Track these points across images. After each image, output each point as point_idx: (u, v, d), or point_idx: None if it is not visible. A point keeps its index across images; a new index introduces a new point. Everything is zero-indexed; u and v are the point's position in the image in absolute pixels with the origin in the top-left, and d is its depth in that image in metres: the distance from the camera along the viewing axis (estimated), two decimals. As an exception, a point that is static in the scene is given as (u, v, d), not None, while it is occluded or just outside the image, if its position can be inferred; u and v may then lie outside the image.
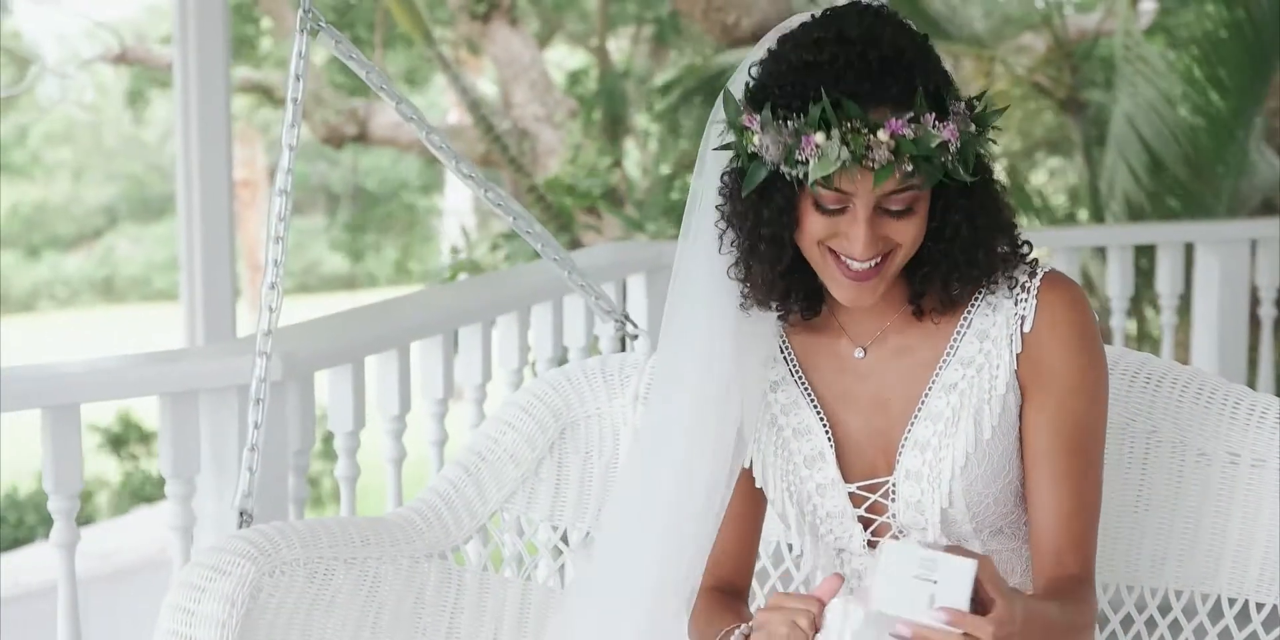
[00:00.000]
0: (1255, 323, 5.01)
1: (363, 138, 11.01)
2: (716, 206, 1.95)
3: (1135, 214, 6.99)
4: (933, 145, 1.82)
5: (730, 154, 1.91)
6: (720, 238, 1.95)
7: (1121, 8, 8.03)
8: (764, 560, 2.30)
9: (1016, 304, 1.96)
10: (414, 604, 2.26)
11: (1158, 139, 6.89)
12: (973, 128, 1.86)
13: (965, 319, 1.98)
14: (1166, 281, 4.78)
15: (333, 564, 2.18)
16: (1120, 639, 2.26)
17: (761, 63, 1.91)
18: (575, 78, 11.47)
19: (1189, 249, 4.89)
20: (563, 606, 2.15)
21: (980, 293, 1.98)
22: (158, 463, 2.75)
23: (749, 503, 2.07)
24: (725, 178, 1.93)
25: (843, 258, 1.89)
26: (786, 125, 1.83)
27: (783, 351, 2.04)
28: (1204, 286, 4.81)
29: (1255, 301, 4.91)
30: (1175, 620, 2.22)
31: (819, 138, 1.81)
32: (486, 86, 12.54)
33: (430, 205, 16.68)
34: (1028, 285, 1.96)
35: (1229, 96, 6.50)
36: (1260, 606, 2.17)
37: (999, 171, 2.03)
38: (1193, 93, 6.67)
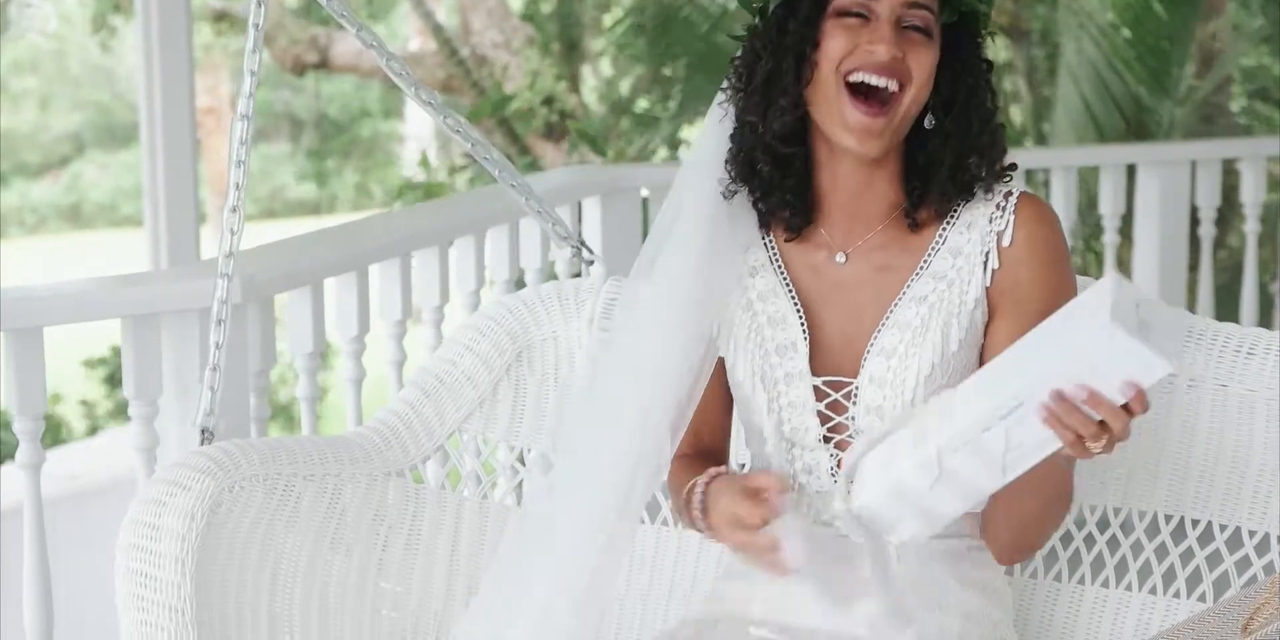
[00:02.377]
0: (1195, 242, 5.11)
1: (325, 65, 10.97)
2: (727, 75, 2.04)
3: (1081, 138, 7.06)
4: None
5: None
6: (729, 103, 2.03)
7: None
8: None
9: (991, 222, 2.02)
10: (373, 520, 2.31)
11: (1102, 65, 6.94)
12: None
13: (941, 235, 2.04)
14: (1108, 202, 4.87)
15: (292, 480, 2.22)
16: (1082, 557, 2.30)
17: None
18: (532, 3, 11.43)
19: (1131, 171, 4.98)
20: (521, 518, 2.20)
21: (956, 208, 2.04)
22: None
23: (720, 373, 2.12)
24: (745, 37, 2.03)
25: (859, 81, 1.95)
26: None
27: (765, 240, 2.10)
28: (1145, 207, 4.90)
29: (1195, 222, 5.01)
30: (1113, 536, 2.26)
31: None
32: (445, 14, 12.50)
33: (392, 130, 16.65)
34: (1003, 205, 2.02)
35: (1163, 23, 6.56)
36: (1195, 523, 2.21)
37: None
38: (1136, 17, 6.72)
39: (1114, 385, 1.73)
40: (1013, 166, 2.04)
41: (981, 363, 2.02)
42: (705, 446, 2.16)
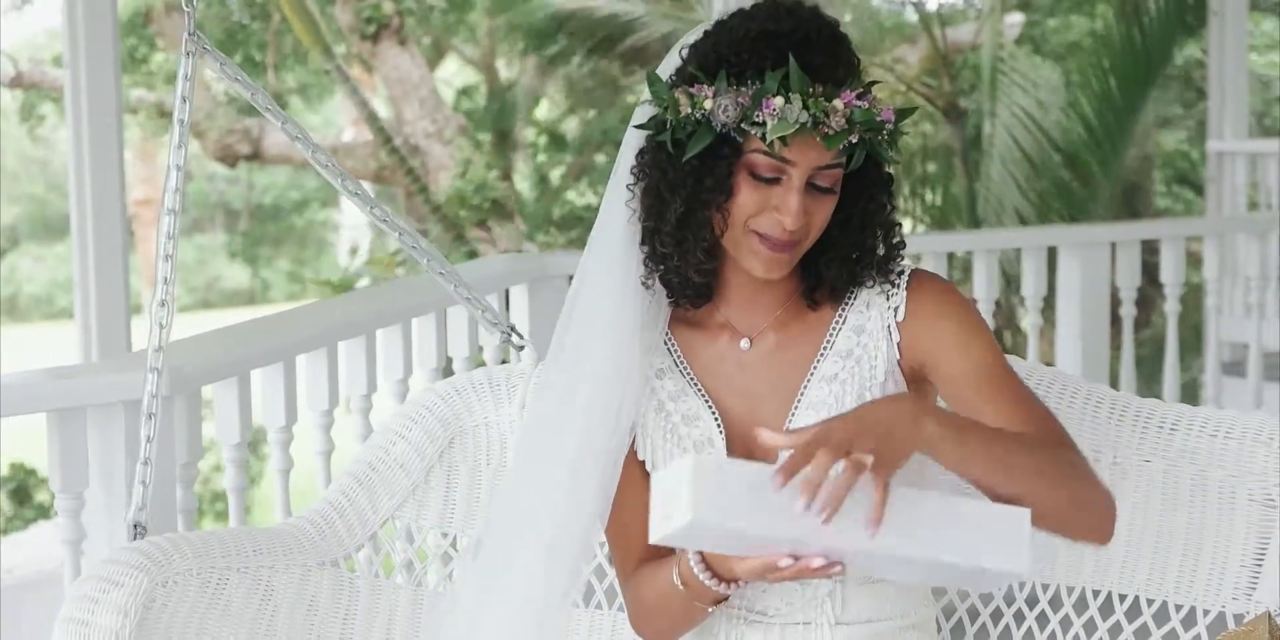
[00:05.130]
0: (1117, 322, 5.17)
1: (257, 156, 11.00)
2: (630, 185, 2.03)
3: (1016, 219, 7.16)
4: (876, 121, 1.95)
5: (643, 135, 2.01)
6: (635, 211, 2.03)
7: (992, 20, 8.24)
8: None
9: (889, 298, 2.06)
10: (307, 611, 2.31)
11: (1034, 147, 7.07)
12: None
13: (840, 315, 2.08)
14: (1031, 284, 4.93)
15: (226, 573, 2.22)
16: (990, 631, 2.32)
17: (706, 37, 2.01)
18: (464, 94, 11.51)
19: (1052, 253, 5.04)
20: (452, 609, 2.19)
21: (853, 290, 2.08)
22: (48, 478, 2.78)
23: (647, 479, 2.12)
24: (648, 154, 2.02)
25: (764, 234, 1.98)
26: (745, 88, 1.93)
27: (666, 342, 2.12)
28: (1066, 288, 4.97)
29: (1116, 302, 5.08)
30: (1042, 612, 2.28)
31: (779, 101, 1.92)
32: (379, 105, 12.57)
33: (327, 219, 16.66)
34: (897, 282, 2.07)
35: (1106, 105, 6.68)
36: (1123, 598, 2.23)
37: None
38: (1071, 101, 6.86)
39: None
40: (901, 244, 2.07)
41: (959, 409, 2.02)
42: (651, 555, 2.13)
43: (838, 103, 1.93)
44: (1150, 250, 5.39)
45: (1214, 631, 2.17)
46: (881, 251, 2.05)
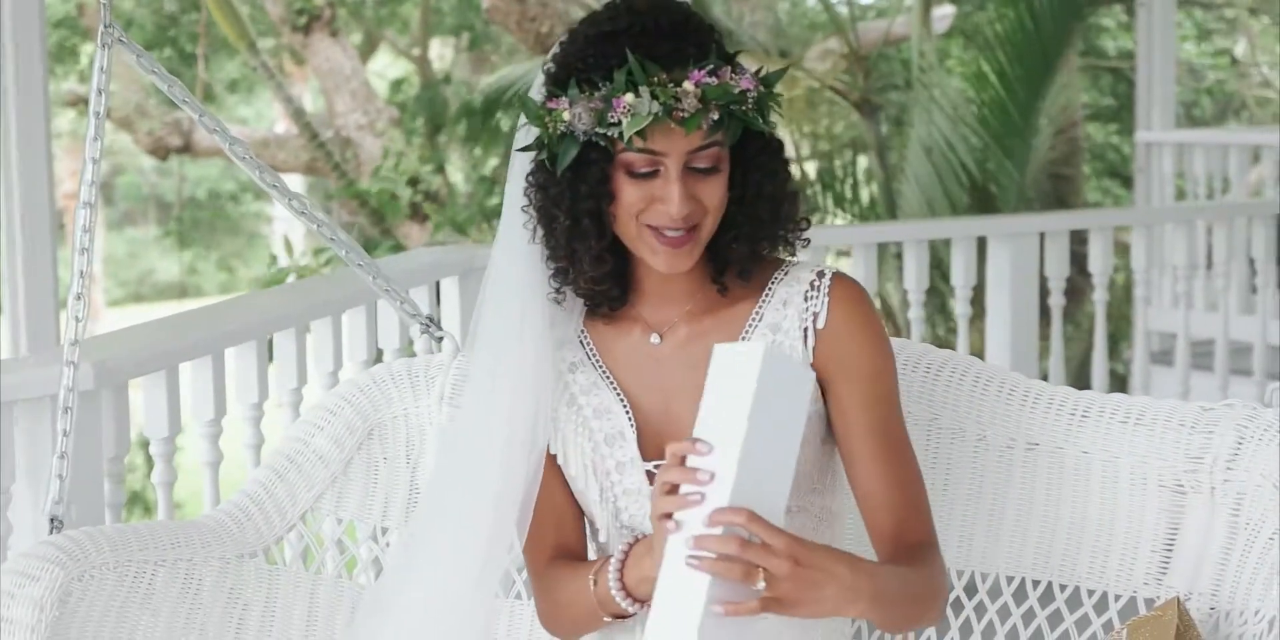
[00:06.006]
0: (1046, 313, 5.23)
1: (188, 148, 10.95)
2: (524, 207, 2.04)
3: (934, 210, 7.22)
4: (735, 92, 1.95)
5: (533, 155, 2.01)
6: (534, 231, 2.04)
7: (917, 13, 8.30)
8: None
9: (807, 300, 2.06)
10: (226, 602, 2.31)
11: (953, 138, 7.11)
12: (762, 88, 1.99)
13: (757, 312, 2.08)
14: (960, 274, 4.97)
15: (143, 566, 2.22)
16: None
17: (558, 49, 2.02)
18: (397, 86, 11.48)
19: (981, 243, 5.09)
20: (375, 592, 2.21)
21: (770, 287, 2.08)
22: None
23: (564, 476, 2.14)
24: (532, 175, 2.02)
25: (657, 227, 1.99)
26: (596, 93, 1.94)
27: (580, 337, 2.13)
28: (996, 278, 5.01)
29: (1045, 292, 5.13)
30: (957, 599, 2.29)
31: (629, 98, 1.92)
32: (311, 96, 12.53)
33: (260, 212, 16.59)
34: (817, 284, 2.07)
35: (1014, 95, 6.73)
36: (1036, 583, 2.26)
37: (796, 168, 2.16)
38: (981, 91, 6.90)
39: None
40: (797, 210, 2.07)
41: (834, 428, 2.07)
42: (569, 549, 2.15)
43: (688, 85, 1.93)
44: (1079, 240, 5.45)
45: (1125, 616, 2.20)
46: (780, 227, 2.05)
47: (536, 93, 2.03)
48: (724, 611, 1.79)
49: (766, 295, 2.09)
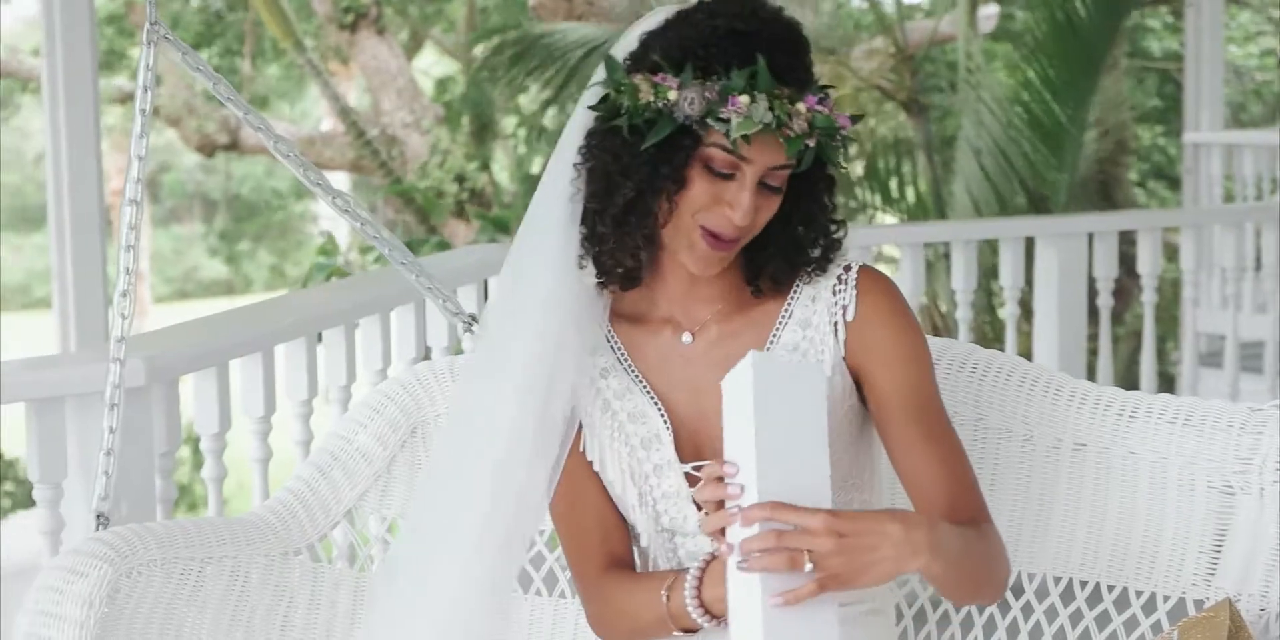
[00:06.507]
0: (1094, 313, 5.21)
1: (235, 146, 11.00)
2: (576, 163, 2.02)
3: (980, 211, 7.19)
4: (834, 126, 1.96)
5: (591, 117, 2.00)
6: (581, 190, 2.02)
7: (963, 13, 8.27)
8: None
9: (835, 294, 2.06)
10: (272, 599, 2.32)
11: (1002, 139, 7.09)
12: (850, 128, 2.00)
13: (787, 309, 2.08)
14: (1008, 275, 4.96)
15: (190, 563, 2.23)
16: (952, 618, 2.33)
17: (668, 27, 2.00)
18: (442, 85, 11.49)
19: (1030, 243, 5.07)
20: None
21: (798, 285, 2.08)
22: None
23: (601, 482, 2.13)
24: (598, 137, 2.01)
25: (708, 227, 1.99)
26: (712, 83, 1.94)
27: (610, 341, 2.12)
28: (1044, 279, 4.99)
29: (1093, 293, 5.11)
30: (1005, 599, 2.26)
31: (744, 100, 1.92)
32: (357, 95, 12.56)
33: (304, 210, 16.66)
34: (844, 278, 2.07)
35: (1058, 96, 6.70)
36: (1084, 584, 2.25)
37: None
38: (1027, 94, 6.87)
39: None
40: (839, 243, 2.08)
41: (874, 418, 2.06)
42: (619, 556, 2.14)
43: (801, 106, 1.95)
44: (1127, 241, 5.42)
45: (1174, 617, 2.19)
46: (819, 251, 2.06)
47: (620, 56, 2.02)
48: (781, 601, 1.79)
49: (795, 292, 2.09)
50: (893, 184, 7.49)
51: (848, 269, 2.08)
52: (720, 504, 1.85)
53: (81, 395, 2.75)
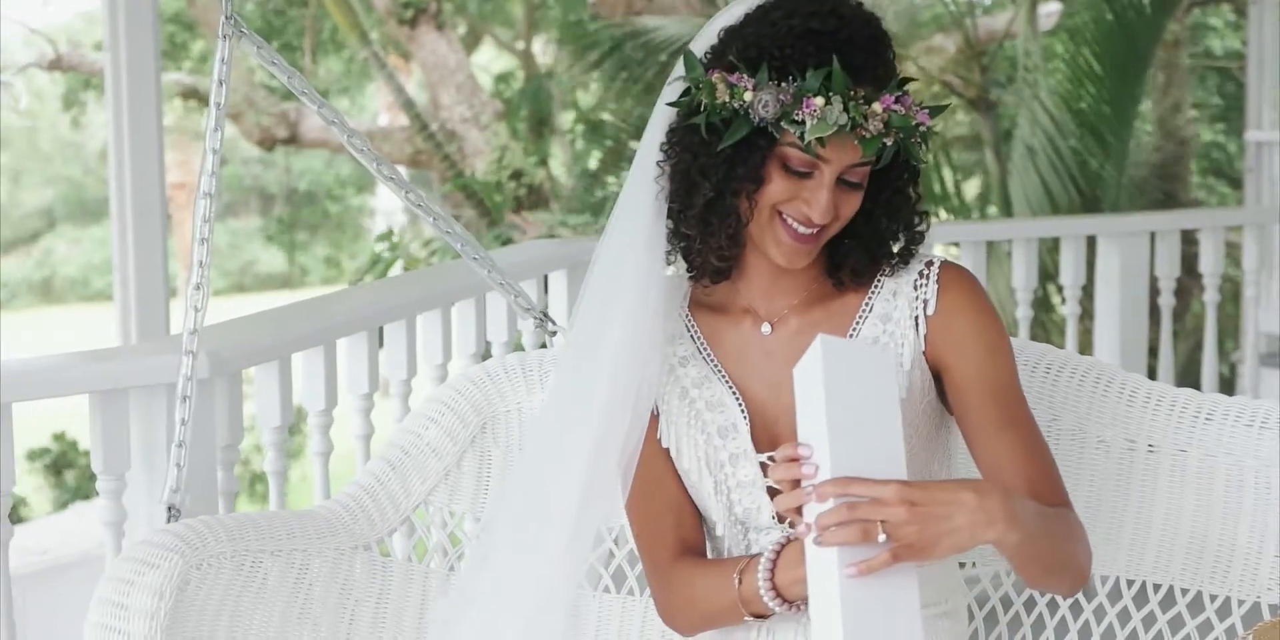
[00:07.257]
0: (1155, 312, 5.16)
1: (294, 140, 11.05)
2: (659, 161, 2.02)
3: (1040, 208, 7.15)
4: (912, 124, 1.95)
5: (673, 112, 2.01)
6: (665, 188, 2.03)
7: (1024, 10, 8.23)
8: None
9: (916, 289, 2.06)
10: (340, 594, 2.31)
11: (1055, 137, 7.05)
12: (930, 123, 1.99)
13: (868, 303, 2.08)
14: (1069, 273, 4.92)
15: (259, 556, 2.23)
16: (1023, 620, 2.33)
17: (745, 24, 2.00)
18: (501, 80, 11.52)
19: (1091, 241, 5.03)
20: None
21: (880, 279, 2.08)
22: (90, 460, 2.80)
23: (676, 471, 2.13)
24: (678, 134, 2.01)
25: (790, 222, 1.99)
26: (788, 85, 1.93)
27: (689, 329, 2.12)
28: (1105, 277, 4.95)
29: (1155, 292, 5.07)
30: (1076, 601, 2.28)
31: (819, 101, 1.92)
32: (415, 90, 12.60)
33: (362, 204, 16.72)
34: (926, 273, 2.07)
35: (1110, 94, 6.66)
36: (1157, 587, 2.24)
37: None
38: (1083, 90, 6.84)
39: None
40: (922, 235, 2.08)
41: (954, 410, 2.05)
42: (691, 544, 2.14)
43: (877, 106, 1.94)
44: (1187, 240, 5.37)
45: (1249, 621, 2.17)
46: (901, 243, 2.06)
47: (700, 50, 2.02)
48: (855, 572, 1.78)
49: (876, 286, 2.09)
50: (950, 182, 7.46)
51: (930, 264, 2.08)
52: (795, 484, 1.84)
53: (145, 387, 2.75)
